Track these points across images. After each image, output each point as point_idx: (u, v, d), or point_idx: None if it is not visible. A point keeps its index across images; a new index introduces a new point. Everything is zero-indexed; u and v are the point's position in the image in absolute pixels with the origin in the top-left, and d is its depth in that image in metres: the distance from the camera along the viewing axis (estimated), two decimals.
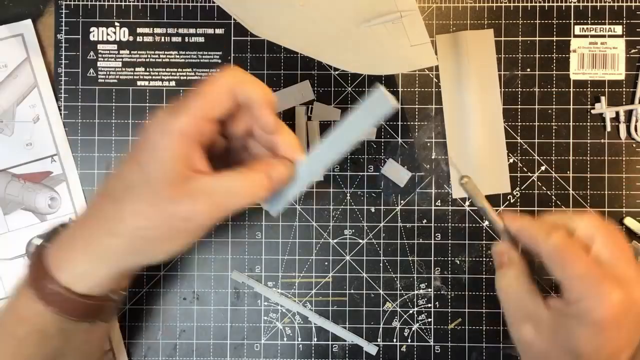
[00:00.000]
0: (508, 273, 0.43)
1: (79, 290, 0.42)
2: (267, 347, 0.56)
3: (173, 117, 0.40)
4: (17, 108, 0.56)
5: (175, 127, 0.40)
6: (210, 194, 0.40)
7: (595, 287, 0.39)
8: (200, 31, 0.56)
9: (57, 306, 0.42)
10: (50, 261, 0.42)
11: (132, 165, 0.41)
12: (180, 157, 0.40)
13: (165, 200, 0.39)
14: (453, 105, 0.56)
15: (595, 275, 0.39)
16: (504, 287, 0.43)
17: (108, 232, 0.41)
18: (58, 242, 0.43)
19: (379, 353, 0.56)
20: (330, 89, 0.56)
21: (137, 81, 0.56)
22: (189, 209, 0.40)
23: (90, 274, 0.42)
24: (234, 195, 0.41)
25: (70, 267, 0.42)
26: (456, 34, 0.56)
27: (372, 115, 0.42)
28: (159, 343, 0.56)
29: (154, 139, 0.40)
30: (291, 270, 0.56)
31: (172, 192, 0.39)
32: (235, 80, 0.41)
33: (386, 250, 0.56)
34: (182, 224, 0.40)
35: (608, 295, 0.38)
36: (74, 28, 0.56)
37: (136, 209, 0.40)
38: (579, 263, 0.40)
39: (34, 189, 0.56)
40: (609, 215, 0.55)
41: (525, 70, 0.56)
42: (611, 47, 0.56)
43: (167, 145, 0.40)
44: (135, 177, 0.40)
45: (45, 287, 0.41)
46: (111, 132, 0.56)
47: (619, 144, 0.56)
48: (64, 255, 0.42)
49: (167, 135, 0.40)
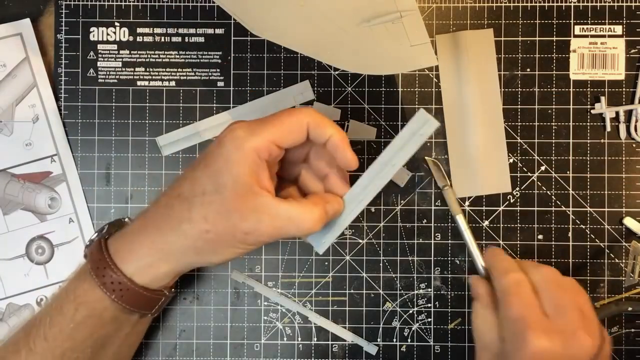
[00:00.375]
0: (475, 305, 0.47)
1: (140, 282, 0.45)
2: (267, 347, 0.56)
3: (250, 135, 0.43)
4: (16, 108, 0.56)
5: (250, 145, 0.43)
6: (273, 217, 0.43)
7: (521, 332, 0.42)
8: (200, 31, 0.56)
9: (118, 295, 0.45)
10: (115, 252, 0.46)
11: (205, 171, 0.44)
12: (251, 172, 0.43)
13: (233, 211, 0.43)
14: (453, 105, 0.56)
15: (525, 321, 0.42)
16: (472, 317, 0.47)
17: (176, 232, 0.44)
18: (123, 235, 0.47)
19: (378, 353, 0.56)
20: (330, 89, 0.56)
21: (137, 81, 0.56)
22: (252, 226, 0.43)
23: (154, 267, 0.45)
24: (293, 223, 0.44)
25: (135, 259, 0.45)
26: (456, 34, 0.56)
27: (417, 137, 0.45)
28: (159, 343, 0.56)
29: (229, 152, 0.43)
30: (291, 270, 0.56)
31: (240, 205, 0.43)
32: (311, 120, 0.45)
33: (386, 250, 0.56)
34: (243, 236, 0.44)
35: (531, 342, 0.41)
36: (74, 28, 0.56)
37: (205, 214, 0.43)
38: (516, 306, 0.43)
39: (33, 189, 0.56)
40: (609, 215, 0.56)
41: (525, 70, 0.56)
42: (611, 47, 0.56)
43: (240, 159, 0.43)
44: (208, 184, 0.44)
45: (109, 275, 0.45)
46: (111, 132, 0.56)
47: (618, 144, 0.56)
48: (131, 247, 0.46)
49: (242, 151, 0.43)
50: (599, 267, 0.56)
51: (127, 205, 0.56)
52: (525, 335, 0.41)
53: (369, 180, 0.47)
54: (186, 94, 0.56)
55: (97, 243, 0.47)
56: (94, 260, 0.46)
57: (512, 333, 0.42)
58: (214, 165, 0.44)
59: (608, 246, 0.56)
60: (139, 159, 0.56)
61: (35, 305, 0.56)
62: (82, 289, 0.46)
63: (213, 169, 0.44)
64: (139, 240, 0.46)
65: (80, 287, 0.46)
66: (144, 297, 0.46)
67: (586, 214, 0.56)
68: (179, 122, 0.56)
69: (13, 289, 0.56)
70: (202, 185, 0.44)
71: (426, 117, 0.45)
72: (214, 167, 0.44)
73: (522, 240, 0.56)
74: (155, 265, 0.45)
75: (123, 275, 0.45)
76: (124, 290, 0.45)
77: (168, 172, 0.56)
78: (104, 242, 0.47)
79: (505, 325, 0.43)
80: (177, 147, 0.56)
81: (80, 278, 0.46)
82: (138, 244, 0.45)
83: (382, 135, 0.56)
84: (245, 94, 0.56)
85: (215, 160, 0.44)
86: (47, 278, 0.56)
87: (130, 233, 0.46)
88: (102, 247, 0.46)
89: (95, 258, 0.46)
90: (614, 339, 0.55)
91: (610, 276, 0.55)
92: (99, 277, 0.45)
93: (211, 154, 0.44)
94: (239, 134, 0.44)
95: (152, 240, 0.45)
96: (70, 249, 0.56)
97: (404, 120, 0.56)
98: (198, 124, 0.56)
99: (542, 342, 0.41)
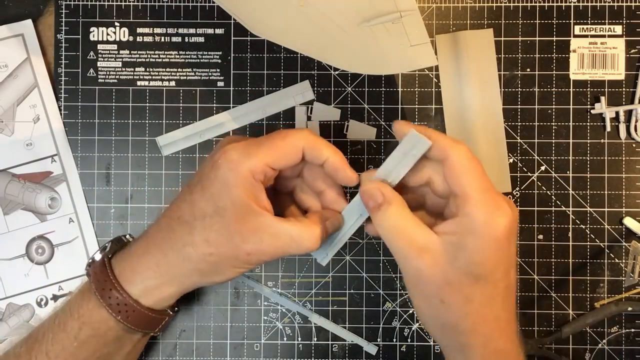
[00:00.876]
0: (389, 211, 0.43)
1: (145, 303, 0.46)
2: (267, 347, 0.56)
3: (244, 157, 0.43)
4: (17, 108, 0.56)
5: (245, 167, 0.43)
6: (275, 237, 0.44)
7: (497, 204, 0.41)
8: (200, 31, 0.56)
9: (124, 316, 0.45)
10: (119, 272, 0.46)
11: (204, 195, 0.44)
12: (249, 194, 0.43)
13: (234, 233, 0.43)
14: (453, 105, 0.56)
15: (496, 192, 0.41)
16: (389, 227, 0.43)
17: (179, 255, 0.45)
18: (127, 255, 0.47)
19: (378, 353, 0.56)
20: (330, 89, 0.56)
21: (137, 81, 0.56)
22: (254, 247, 0.44)
23: (159, 290, 0.46)
24: (295, 242, 0.44)
25: (140, 281, 0.46)
26: (456, 34, 0.56)
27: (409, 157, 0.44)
28: (159, 343, 0.56)
29: (225, 175, 0.43)
30: (291, 270, 0.56)
31: (241, 227, 0.43)
32: (306, 143, 0.45)
33: (386, 250, 0.56)
34: (246, 257, 0.44)
35: (508, 212, 0.41)
36: (74, 28, 0.56)
37: (207, 237, 0.44)
38: (484, 178, 0.41)
39: (34, 189, 0.56)
40: (609, 215, 0.56)
41: (525, 70, 0.56)
42: (611, 47, 0.56)
43: (237, 182, 0.43)
44: (208, 207, 0.44)
45: (115, 297, 0.45)
46: (111, 132, 0.56)
47: (618, 144, 0.56)
48: (135, 268, 0.46)
49: (238, 173, 0.43)
50: (599, 267, 0.56)
51: (127, 205, 0.56)
52: (502, 207, 0.41)
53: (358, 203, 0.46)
54: (186, 94, 0.56)
55: (101, 262, 0.47)
56: (99, 281, 0.46)
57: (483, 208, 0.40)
58: (211, 189, 0.44)
59: (608, 246, 0.55)
60: (139, 159, 0.56)
61: (35, 305, 0.56)
62: (87, 308, 0.46)
63: (210, 191, 0.44)
64: (143, 261, 0.46)
65: (85, 306, 0.46)
66: (148, 317, 0.46)
67: (586, 214, 0.56)
68: (179, 122, 0.56)
69: (13, 289, 0.56)
70: (201, 209, 0.44)
71: (418, 138, 0.43)
72: (211, 190, 0.44)
73: (522, 240, 0.56)
74: (160, 287, 0.46)
75: (129, 296, 0.45)
76: (130, 311, 0.45)
77: (168, 172, 0.56)
78: (108, 261, 0.47)
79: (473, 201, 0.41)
80: (177, 147, 0.56)
81: (84, 297, 0.46)
82: (143, 265, 0.46)
83: (382, 135, 0.56)
84: (245, 94, 0.56)
85: (212, 183, 0.44)
86: (47, 278, 0.56)
87: (135, 254, 0.47)
88: (106, 267, 0.46)
89: (100, 278, 0.46)
90: (614, 339, 0.55)
91: (610, 276, 0.55)
92: (104, 297, 0.45)
93: (207, 177, 0.44)
94: (233, 156, 0.44)
95: (157, 263, 0.45)
96: (70, 249, 0.56)
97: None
98: (198, 124, 0.56)
99: (513, 211, 0.41)
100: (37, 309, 0.56)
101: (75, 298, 0.47)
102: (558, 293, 0.56)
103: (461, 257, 0.41)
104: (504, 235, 0.40)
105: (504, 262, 0.42)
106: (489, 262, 0.41)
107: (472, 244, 0.40)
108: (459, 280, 0.41)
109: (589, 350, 0.55)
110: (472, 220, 0.40)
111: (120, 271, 0.46)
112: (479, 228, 0.40)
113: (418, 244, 0.41)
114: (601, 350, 0.55)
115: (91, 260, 0.48)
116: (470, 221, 0.41)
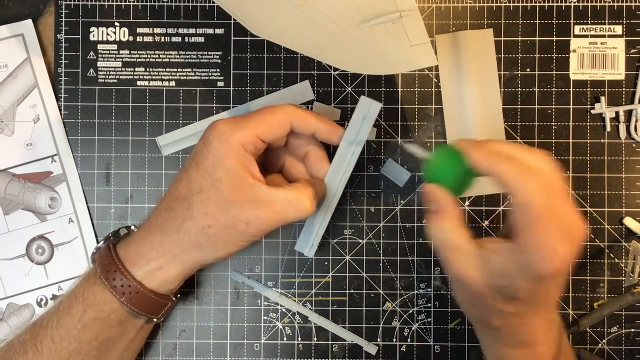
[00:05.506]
0: (445, 226, 0.42)
1: (149, 286, 0.46)
2: (267, 346, 0.56)
3: (234, 130, 0.45)
4: (17, 108, 0.56)
5: (236, 139, 0.45)
6: (270, 203, 0.45)
7: (551, 243, 0.39)
8: (200, 31, 0.56)
9: (128, 298, 0.46)
10: (124, 256, 0.47)
11: (199, 170, 0.46)
12: (242, 165, 0.45)
13: (231, 203, 0.45)
14: (453, 105, 0.56)
15: (553, 229, 0.39)
16: (441, 236, 0.43)
17: (180, 231, 0.46)
18: (131, 241, 0.48)
19: (378, 353, 0.56)
20: (330, 89, 0.56)
21: (137, 81, 0.56)
22: (251, 215, 0.45)
23: (162, 271, 0.47)
24: (292, 205, 0.46)
25: (144, 263, 0.46)
26: (456, 34, 0.56)
27: (367, 120, 0.50)
28: (159, 343, 0.56)
29: (216, 148, 0.45)
30: (291, 270, 0.56)
31: (238, 197, 0.45)
32: (293, 117, 0.48)
33: (386, 250, 0.56)
34: (244, 227, 0.45)
35: (558, 253, 0.39)
36: (74, 28, 0.56)
37: (205, 210, 0.45)
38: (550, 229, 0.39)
39: (34, 189, 0.56)
40: (609, 215, 0.56)
41: (525, 70, 0.56)
42: (611, 47, 0.56)
43: (229, 153, 0.45)
44: (204, 181, 0.45)
45: (119, 279, 0.46)
46: (111, 132, 0.56)
47: (618, 144, 0.56)
48: (139, 251, 0.47)
49: (229, 145, 0.45)
50: (599, 267, 0.56)
51: (127, 205, 0.56)
52: (557, 247, 0.38)
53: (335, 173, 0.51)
54: (186, 94, 0.56)
55: (105, 248, 0.48)
56: (104, 265, 0.47)
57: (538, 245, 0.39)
58: (205, 163, 0.45)
59: (608, 246, 0.55)
60: (139, 159, 0.56)
61: (35, 305, 0.56)
62: (91, 291, 0.46)
63: (205, 166, 0.45)
64: (147, 244, 0.47)
65: (90, 289, 0.47)
66: (152, 300, 0.47)
67: (586, 214, 0.56)
68: (179, 122, 0.56)
69: (13, 289, 0.56)
70: (198, 184, 0.45)
71: (369, 101, 0.50)
72: (206, 164, 0.45)
73: None
74: (164, 268, 0.46)
75: (133, 278, 0.46)
76: (133, 293, 0.46)
77: (168, 172, 0.56)
78: (113, 247, 0.48)
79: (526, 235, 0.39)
80: (177, 147, 0.56)
81: (89, 281, 0.47)
82: (146, 247, 0.47)
83: (382, 135, 0.56)
84: (245, 94, 0.56)
85: (205, 157, 0.46)
86: (47, 278, 0.56)
87: (138, 238, 0.48)
88: (111, 252, 0.47)
89: (105, 262, 0.47)
90: (614, 339, 0.55)
91: (610, 276, 0.55)
92: (109, 280, 0.46)
93: (200, 153, 0.46)
94: (223, 129, 0.46)
95: (159, 243, 0.46)
96: (70, 249, 0.56)
97: (404, 120, 0.56)
98: (198, 124, 0.56)
99: (566, 249, 0.39)
100: (37, 309, 0.56)
101: (80, 283, 0.48)
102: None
103: (501, 278, 0.40)
104: (548, 274, 0.39)
105: (543, 295, 0.41)
106: (525, 292, 0.40)
107: (514, 272, 0.40)
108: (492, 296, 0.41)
109: (589, 350, 0.55)
110: (524, 252, 0.39)
111: (124, 255, 0.47)
112: (525, 261, 0.39)
113: (465, 259, 0.41)
114: (601, 350, 0.55)
115: (96, 248, 0.49)
116: (523, 252, 0.40)
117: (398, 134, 0.56)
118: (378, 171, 0.56)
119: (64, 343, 0.46)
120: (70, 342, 0.46)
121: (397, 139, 0.56)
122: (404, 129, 0.56)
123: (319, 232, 0.50)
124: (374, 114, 0.50)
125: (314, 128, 0.49)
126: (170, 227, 0.46)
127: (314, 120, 0.48)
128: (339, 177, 0.51)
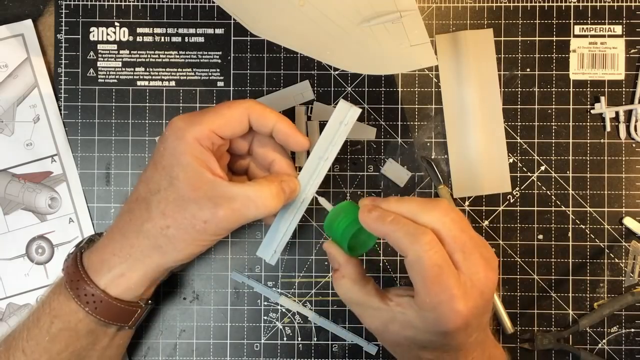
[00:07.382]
0: (344, 283, 0.44)
1: (113, 293, 0.45)
2: (267, 346, 0.56)
3: (189, 125, 0.44)
4: (17, 108, 0.56)
5: (191, 134, 0.44)
6: (230, 200, 0.43)
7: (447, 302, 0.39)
8: (200, 31, 0.56)
9: (92, 307, 0.45)
10: (88, 265, 0.46)
11: (157, 169, 0.44)
12: (199, 161, 0.43)
13: (189, 201, 0.43)
14: (453, 105, 0.56)
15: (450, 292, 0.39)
16: (342, 294, 0.45)
17: (139, 233, 0.44)
18: (96, 247, 0.47)
19: (378, 353, 0.56)
20: (330, 89, 0.56)
21: (137, 81, 0.56)
22: (210, 213, 0.43)
23: (125, 277, 0.45)
24: (252, 203, 0.43)
25: (106, 270, 0.45)
26: (456, 34, 0.56)
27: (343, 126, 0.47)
28: (159, 343, 0.56)
29: (173, 145, 0.44)
30: (291, 270, 0.56)
31: (195, 194, 0.43)
32: (252, 111, 0.46)
33: (386, 250, 0.56)
34: (203, 225, 0.43)
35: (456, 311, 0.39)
36: (74, 28, 0.56)
37: (163, 210, 0.44)
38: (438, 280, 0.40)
39: (34, 189, 0.56)
40: (608, 215, 0.56)
41: (525, 70, 0.56)
42: (611, 47, 0.56)
43: (185, 149, 0.43)
44: (162, 180, 0.44)
45: (83, 288, 0.45)
46: (111, 132, 0.56)
47: (618, 144, 0.56)
48: (102, 258, 0.46)
49: (184, 141, 0.43)
50: (599, 267, 0.56)
51: None
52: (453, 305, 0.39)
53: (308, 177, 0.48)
54: (186, 94, 0.56)
55: (73, 257, 0.47)
56: (69, 274, 0.46)
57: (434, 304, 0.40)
58: (162, 161, 0.44)
59: (608, 246, 0.56)
60: (139, 159, 0.56)
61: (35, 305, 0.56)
62: (58, 301, 0.46)
63: (162, 164, 0.44)
64: (109, 250, 0.46)
65: (56, 299, 0.46)
66: (118, 308, 0.45)
67: (586, 214, 0.56)
68: None
69: (13, 289, 0.56)
70: (156, 183, 0.44)
71: (348, 106, 0.47)
72: (163, 162, 0.44)
73: (522, 240, 0.56)
74: (126, 274, 0.45)
75: (96, 287, 0.45)
76: (97, 302, 0.45)
77: None
78: (79, 255, 0.47)
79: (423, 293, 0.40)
80: None
81: (56, 291, 0.46)
82: (108, 254, 0.46)
83: (382, 135, 0.56)
84: (245, 94, 0.56)
85: (162, 155, 0.44)
86: (47, 278, 0.56)
87: (102, 245, 0.46)
88: (76, 260, 0.46)
89: (70, 271, 0.46)
90: (614, 339, 0.55)
91: (610, 276, 0.55)
92: (73, 289, 0.45)
93: (157, 151, 0.45)
94: (178, 125, 0.44)
95: (120, 248, 0.45)
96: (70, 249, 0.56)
97: (404, 120, 0.56)
98: None
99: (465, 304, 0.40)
100: None
101: (48, 293, 0.47)
102: (558, 293, 0.56)
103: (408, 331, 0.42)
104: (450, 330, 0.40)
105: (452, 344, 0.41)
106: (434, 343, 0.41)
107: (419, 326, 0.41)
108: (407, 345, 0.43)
109: (589, 350, 0.55)
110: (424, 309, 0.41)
111: (89, 264, 0.46)
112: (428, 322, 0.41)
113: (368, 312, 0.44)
114: (601, 350, 0.55)
115: (67, 257, 0.48)
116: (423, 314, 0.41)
117: (398, 134, 0.56)
118: (378, 171, 0.56)
119: (35, 355, 0.45)
120: (40, 354, 0.45)
121: (397, 139, 0.56)
122: (404, 129, 0.56)
123: (283, 238, 0.48)
124: (352, 120, 0.47)
125: (272, 126, 0.46)
126: (131, 230, 0.45)
127: (273, 117, 0.46)
128: (309, 182, 0.48)
